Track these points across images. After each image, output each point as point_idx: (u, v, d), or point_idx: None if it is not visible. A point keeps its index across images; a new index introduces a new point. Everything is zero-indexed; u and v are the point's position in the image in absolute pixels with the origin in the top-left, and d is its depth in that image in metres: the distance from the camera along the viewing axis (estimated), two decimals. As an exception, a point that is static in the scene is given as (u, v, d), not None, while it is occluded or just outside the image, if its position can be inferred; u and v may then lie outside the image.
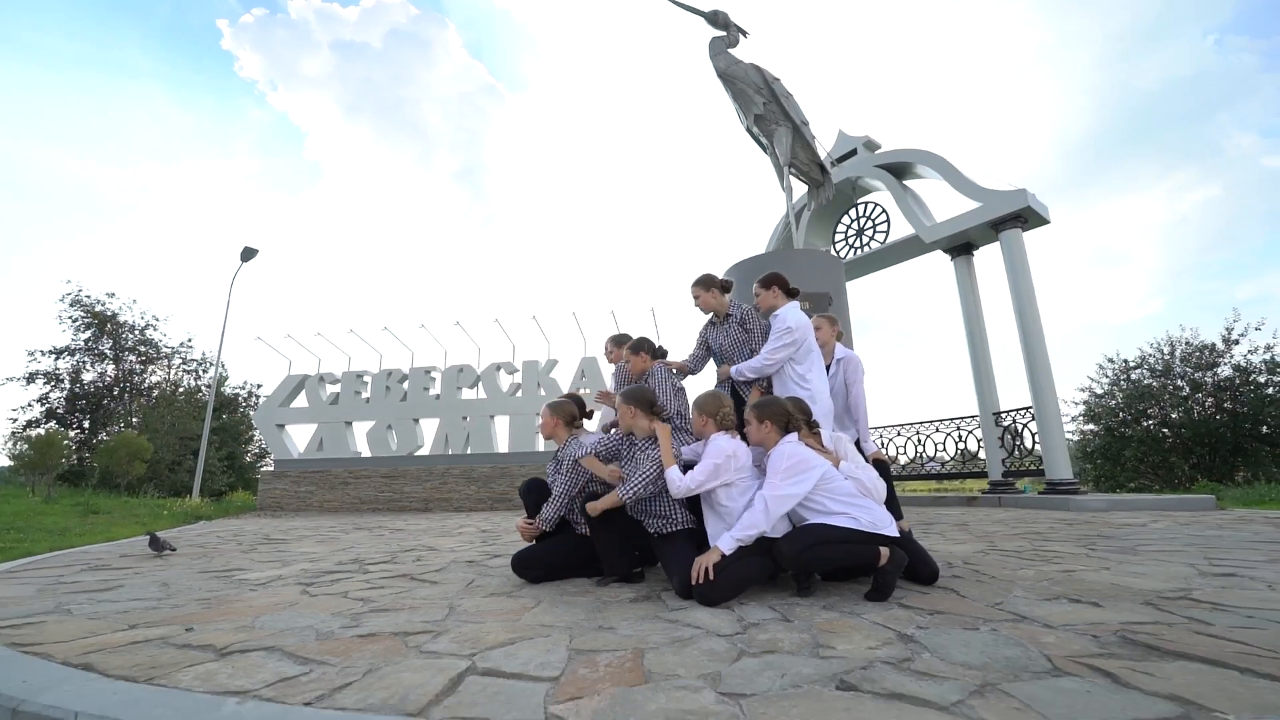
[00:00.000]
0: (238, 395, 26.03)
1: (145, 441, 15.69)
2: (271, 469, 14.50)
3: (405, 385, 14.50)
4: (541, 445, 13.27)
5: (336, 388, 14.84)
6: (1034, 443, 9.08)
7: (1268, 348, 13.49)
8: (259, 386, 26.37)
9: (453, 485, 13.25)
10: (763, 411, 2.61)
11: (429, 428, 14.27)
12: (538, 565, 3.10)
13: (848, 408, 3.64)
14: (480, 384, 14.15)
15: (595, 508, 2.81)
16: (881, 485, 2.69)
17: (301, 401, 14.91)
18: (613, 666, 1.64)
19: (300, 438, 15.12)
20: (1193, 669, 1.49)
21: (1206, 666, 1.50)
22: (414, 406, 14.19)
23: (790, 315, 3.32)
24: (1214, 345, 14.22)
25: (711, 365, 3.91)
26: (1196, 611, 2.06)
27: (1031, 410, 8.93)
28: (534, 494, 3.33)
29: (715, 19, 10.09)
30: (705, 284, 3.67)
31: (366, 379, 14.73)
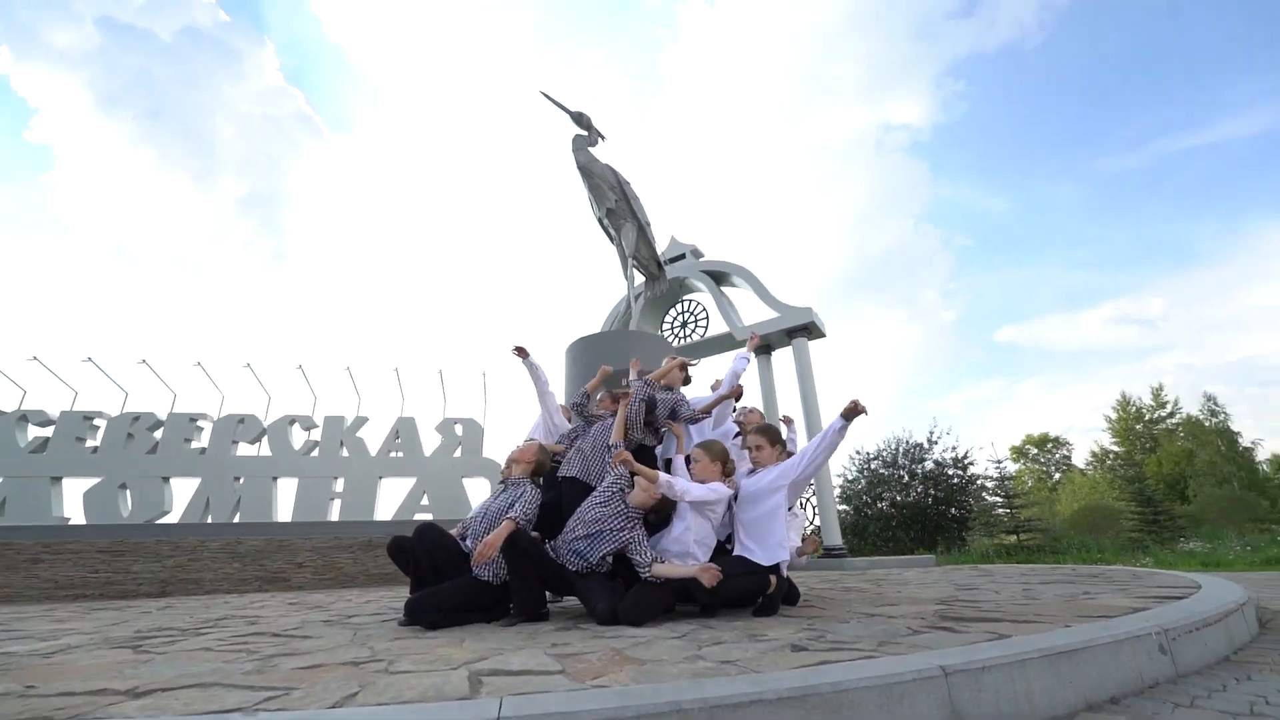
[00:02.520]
0: None
1: None
2: (-99, 541, 10.26)
3: (158, 434, 11.77)
4: (335, 515, 11.72)
5: (47, 431, 11.39)
6: (814, 515, 10.94)
7: (953, 448, 18.26)
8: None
9: (206, 562, 10.78)
10: (713, 451, 3.18)
11: (183, 490, 11.63)
12: (434, 609, 2.96)
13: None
14: (266, 439, 12.16)
15: (663, 572, 2.85)
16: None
17: (-19, 448, 11.08)
18: (605, 660, 1.84)
19: (-36, 498, 11.08)
20: (988, 624, 2.25)
21: (991, 622, 2.29)
22: (166, 461, 11.52)
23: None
24: (921, 444, 18.74)
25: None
26: (966, 602, 2.97)
27: (814, 488, 10.84)
28: (427, 542, 3.19)
29: (580, 119, 11.28)
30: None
31: (99, 422, 11.64)
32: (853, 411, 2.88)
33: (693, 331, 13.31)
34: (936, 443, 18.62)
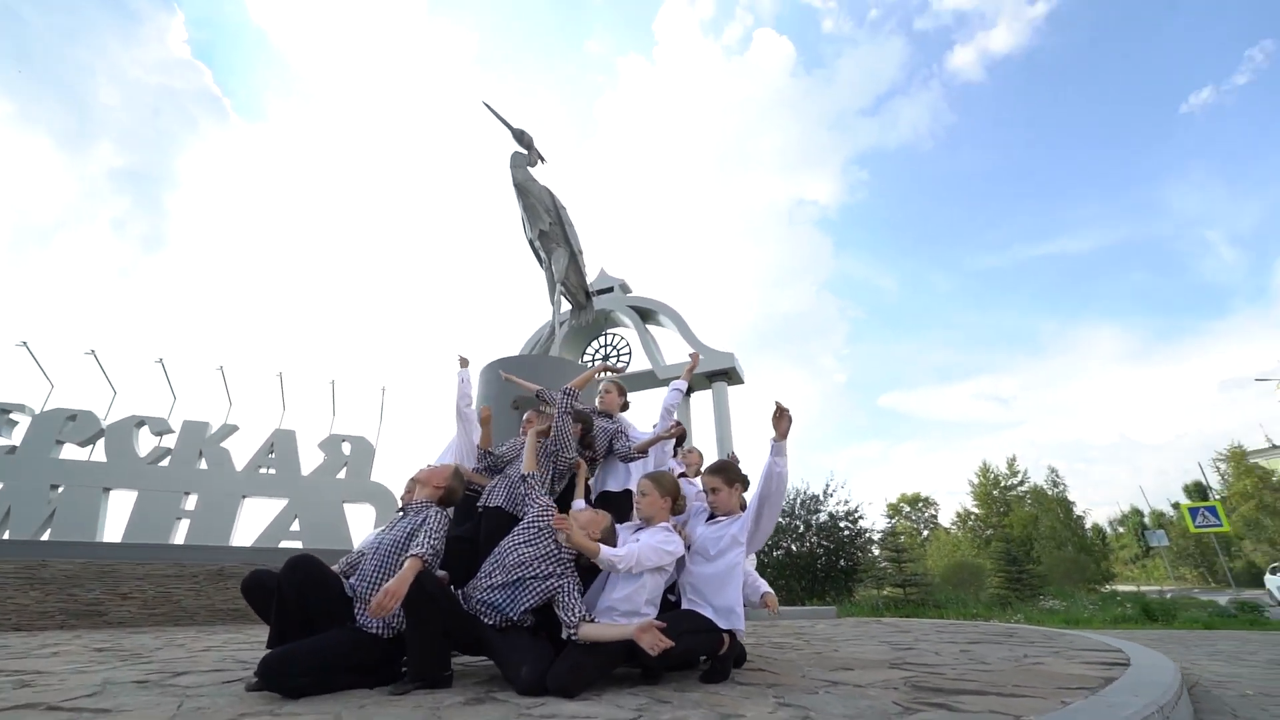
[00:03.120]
0: None
1: None
2: None
3: (-53, 427, 9.51)
4: (181, 537, 9.93)
5: None
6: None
7: (845, 502, 19.02)
8: None
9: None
10: (663, 485, 2.73)
11: (-26, 497, 9.38)
12: (300, 670, 2.25)
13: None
14: (102, 441, 10.21)
15: (591, 635, 2.31)
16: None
17: None
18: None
19: None
20: (974, 697, 2.01)
21: (976, 695, 2.05)
22: (-46, 460, 9.28)
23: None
24: (817, 496, 19.38)
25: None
26: (920, 666, 2.75)
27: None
28: (298, 579, 2.46)
29: (521, 137, 10.91)
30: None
31: None
32: (780, 418, 2.56)
33: (615, 365, 13.02)
34: (832, 495, 19.37)
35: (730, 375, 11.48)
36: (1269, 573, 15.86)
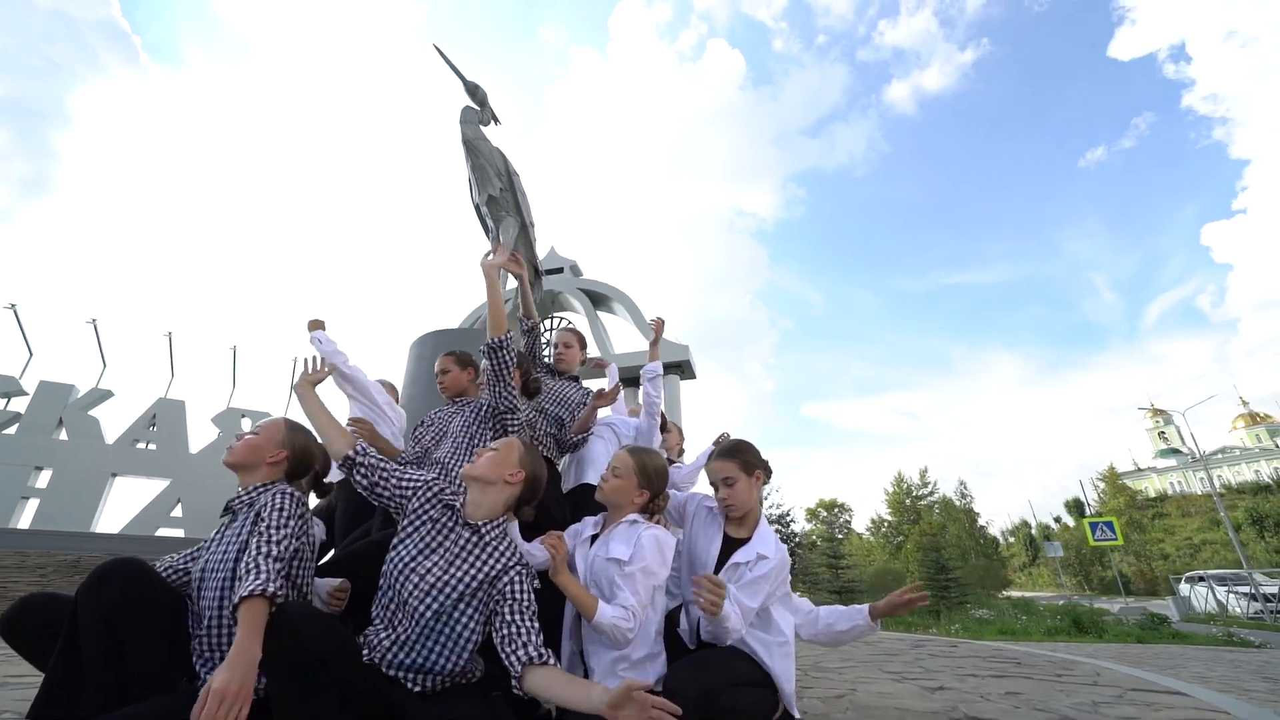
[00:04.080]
0: None
1: None
2: None
3: None
4: (26, 521, 8.30)
5: None
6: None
7: (778, 505, 19.14)
8: None
9: None
10: (642, 465, 1.88)
11: None
12: None
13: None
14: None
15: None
16: None
17: None
18: None
19: None
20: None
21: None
22: None
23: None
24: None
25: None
26: None
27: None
28: (107, 599, 1.36)
29: (474, 91, 9.97)
30: (462, 362, 2.69)
31: None
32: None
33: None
34: (764, 500, 19.50)
35: (683, 369, 11.02)
36: (1184, 581, 16.87)
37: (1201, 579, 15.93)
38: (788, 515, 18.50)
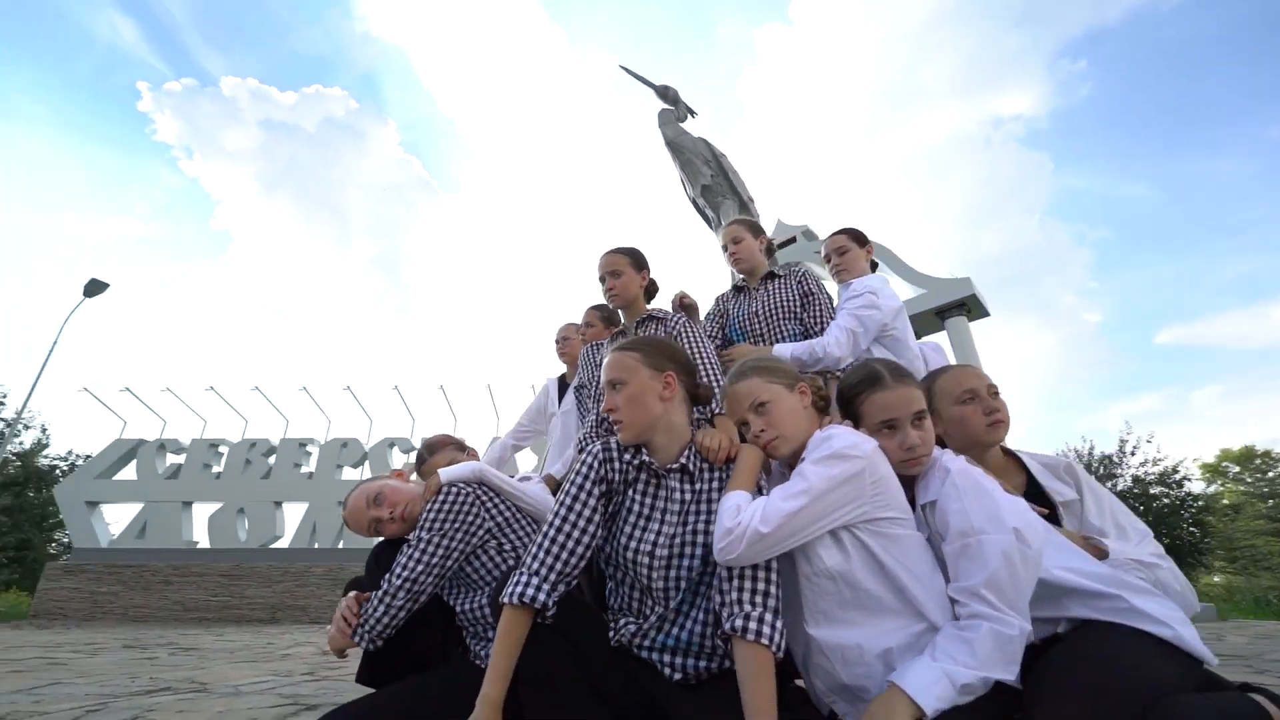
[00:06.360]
0: (56, 467, 21.24)
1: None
2: (65, 561, 11.13)
3: (272, 460, 11.99)
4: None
5: (180, 458, 12.02)
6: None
7: (1156, 461, 14.28)
8: (87, 457, 21.82)
9: (313, 589, 10.59)
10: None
11: (293, 514, 11.68)
12: None
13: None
14: (368, 462, 11.99)
15: None
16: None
17: (129, 473, 11.88)
18: None
19: (118, 521, 11.93)
20: None
21: None
22: (278, 486, 11.65)
23: (879, 286, 2.15)
24: (1111, 456, 14.90)
25: None
26: None
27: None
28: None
29: (665, 93, 10.01)
30: (754, 229, 2.43)
31: (222, 449, 12.10)
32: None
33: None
34: (1133, 454, 14.69)
35: (969, 306, 9.02)
36: None
37: None
38: (1174, 472, 13.75)
